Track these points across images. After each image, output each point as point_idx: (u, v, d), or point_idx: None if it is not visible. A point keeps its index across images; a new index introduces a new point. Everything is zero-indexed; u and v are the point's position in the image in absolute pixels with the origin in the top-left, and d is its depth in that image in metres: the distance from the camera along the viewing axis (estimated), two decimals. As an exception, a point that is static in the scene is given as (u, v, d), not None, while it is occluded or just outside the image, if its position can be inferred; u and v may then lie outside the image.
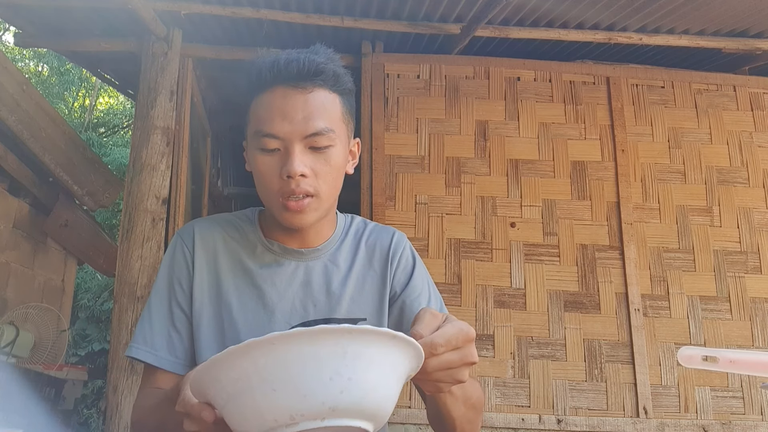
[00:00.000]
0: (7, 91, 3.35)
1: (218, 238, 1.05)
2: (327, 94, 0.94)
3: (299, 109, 0.91)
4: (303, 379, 0.58)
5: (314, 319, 1.00)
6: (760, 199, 3.22)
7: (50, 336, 3.83)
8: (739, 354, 0.94)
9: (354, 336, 0.59)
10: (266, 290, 1.02)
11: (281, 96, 0.91)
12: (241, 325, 1.00)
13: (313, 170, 0.92)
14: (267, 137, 0.91)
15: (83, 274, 7.48)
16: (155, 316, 1.03)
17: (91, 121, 10.38)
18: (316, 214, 0.96)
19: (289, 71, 0.91)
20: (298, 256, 1.04)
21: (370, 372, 0.60)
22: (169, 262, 1.05)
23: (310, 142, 0.92)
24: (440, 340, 0.68)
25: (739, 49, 3.23)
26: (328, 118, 0.93)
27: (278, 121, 0.91)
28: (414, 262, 1.10)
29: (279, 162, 0.92)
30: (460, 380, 0.72)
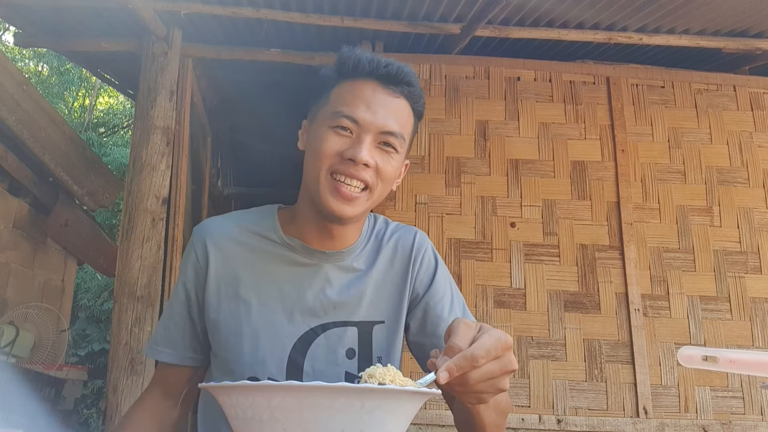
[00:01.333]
0: (7, 90, 3.35)
1: (235, 236, 1.04)
2: (407, 108, 0.98)
3: (383, 106, 0.94)
4: (314, 426, 0.57)
5: (331, 322, 1.00)
6: (760, 199, 3.22)
7: (50, 336, 3.83)
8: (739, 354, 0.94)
9: (375, 393, 0.58)
10: (286, 290, 1.01)
11: (371, 89, 0.94)
12: (259, 325, 0.99)
13: (376, 165, 0.93)
14: (346, 118, 0.92)
15: (83, 274, 7.48)
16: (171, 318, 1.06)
17: (91, 120, 10.37)
18: (361, 210, 0.95)
19: (387, 71, 0.95)
20: (320, 257, 1.02)
21: (385, 424, 0.60)
22: (183, 266, 1.07)
23: (382, 138, 0.94)
24: (480, 352, 0.67)
25: (739, 49, 3.23)
26: (403, 127, 0.96)
27: (362, 109, 0.93)
28: (436, 263, 1.09)
29: (346, 144, 0.93)
30: (502, 389, 0.71)
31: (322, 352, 0.99)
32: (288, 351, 0.98)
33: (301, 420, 0.57)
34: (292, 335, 0.99)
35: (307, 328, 1.00)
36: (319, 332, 1.00)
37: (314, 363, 0.99)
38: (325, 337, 1.00)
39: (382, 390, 0.58)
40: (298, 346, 0.99)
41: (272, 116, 4.44)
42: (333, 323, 1.01)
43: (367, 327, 1.02)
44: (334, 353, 1.00)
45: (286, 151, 5.03)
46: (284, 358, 0.98)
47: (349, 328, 1.01)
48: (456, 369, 0.67)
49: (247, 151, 5.29)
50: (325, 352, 0.99)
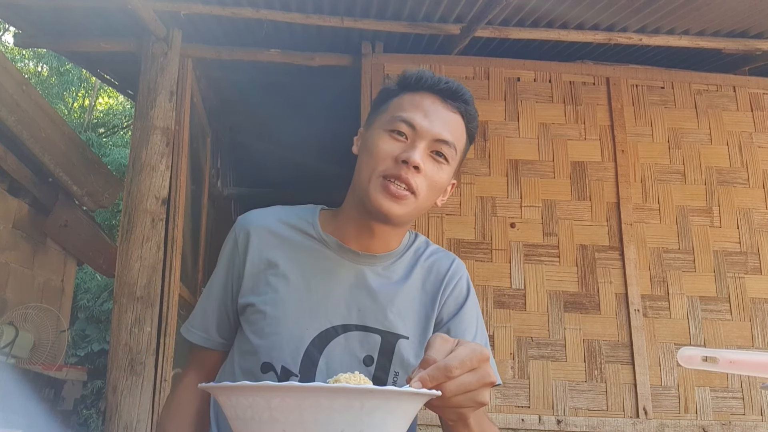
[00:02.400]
0: (7, 91, 3.35)
1: (274, 227, 1.07)
2: (462, 125, 1.01)
3: (439, 117, 0.98)
4: (314, 427, 0.57)
5: (355, 324, 1.01)
6: (760, 200, 3.22)
7: (50, 336, 3.83)
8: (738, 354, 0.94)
9: (375, 394, 0.58)
10: (314, 284, 1.02)
11: (430, 101, 0.99)
12: (282, 312, 1.01)
13: (425, 171, 0.95)
14: (403, 122, 0.96)
15: (83, 274, 7.48)
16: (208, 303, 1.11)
17: (91, 121, 10.37)
18: (405, 212, 0.96)
19: (448, 86, 0.99)
20: (353, 257, 1.04)
21: (384, 424, 0.60)
22: (223, 255, 1.10)
23: (435, 146, 0.96)
24: (454, 362, 0.68)
25: (739, 49, 3.23)
26: (457, 141, 0.99)
27: (420, 116, 0.96)
28: (467, 294, 1.10)
29: (400, 148, 0.95)
30: (481, 402, 0.71)
31: (340, 351, 1.00)
32: (306, 344, 0.99)
33: (300, 420, 0.57)
34: (313, 329, 1.00)
35: (329, 325, 1.00)
36: (340, 332, 1.01)
37: (330, 361, 0.99)
38: (345, 338, 1.01)
39: (382, 391, 0.58)
40: (316, 341, 1.00)
41: (272, 116, 4.44)
42: (355, 326, 1.01)
43: (391, 338, 1.02)
44: (351, 356, 1.00)
45: (287, 151, 5.03)
46: (301, 349, 0.99)
47: (372, 335, 1.01)
48: (429, 379, 0.67)
49: (246, 151, 5.29)
50: (343, 352, 1.00)
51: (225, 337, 1.10)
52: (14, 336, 3.55)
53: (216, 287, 1.10)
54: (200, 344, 1.10)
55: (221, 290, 1.09)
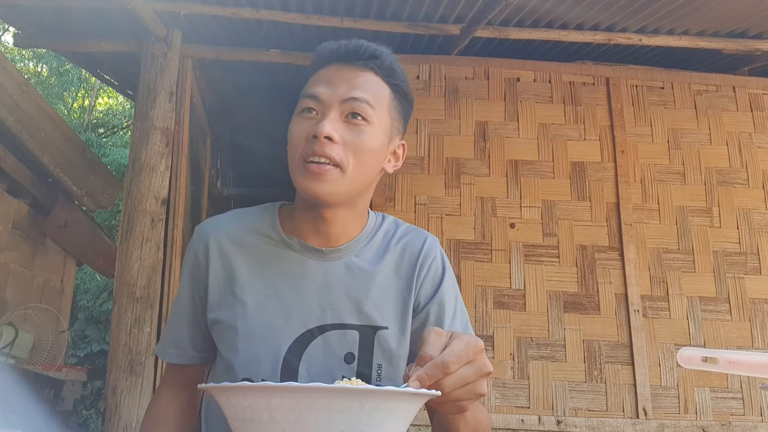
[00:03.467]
0: (7, 91, 3.35)
1: (234, 235, 1.02)
2: (377, 79, 0.94)
3: (345, 80, 0.92)
4: (313, 427, 0.57)
5: (330, 324, 0.97)
6: (760, 200, 3.22)
7: (49, 337, 3.83)
8: (738, 355, 0.94)
9: (374, 394, 0.58)
10: (284, 290, 0.98)
11: (333, 69, 0.94)
12: (255, 325, 0.97)
13: (343, 139, 0.90)
14: (306, 98, 0.92)
15: (82, 274, 7.48)
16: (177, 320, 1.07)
17: (91, 121, 10.37)
18: (336, 187, 0.90)
19: (348, 49, 0.94)
20: (318, 255, 0.99)
21: (384, 424, 0.59)
22: (185, 268, 1.06)
23: (345, 108, 0.91)
24: (451, 358, 0.67)
25: (739, 50, 3.23)
26: (372, 96, 0.92)
27: (322, 86, 0.92)
28: (443, 273, 1.04)
29: (311, 125, 0.91)
30: (479, 393, 0.71)
31: (319, 354, 0.96)
32: (283, 352, 0.96)
33: (300, 421, 0.57)
34: (288, 336, 0.96)
35: (304, 329, 0.97)
36: (317, 334, 0.97)
37: (310, 366, 0.96)
38: (323, 339, 0.97)
39: (382, 391, 0.58)
40: (293, 347, 0.96)
41: (272, 117, 4.44)
42: (332, 325, 0.97)
43: (369, 332, 0.98)
44: (331, 356, 0.97)
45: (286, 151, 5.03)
46: (279, 359, 0.96)
47: (350, 332, 0.98)
48: (427, 377, 0.67)
49: (246, 151, 5.29)
50: (322, 354, 0.96)
51: (200, 349, 1.07)
52: (14, 336, 3.55)
53: (183, 304, 1.05)
54: (175, 362, 1.07)
55: (189, 306, 1.05)
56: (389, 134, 0.97)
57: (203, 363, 1.08)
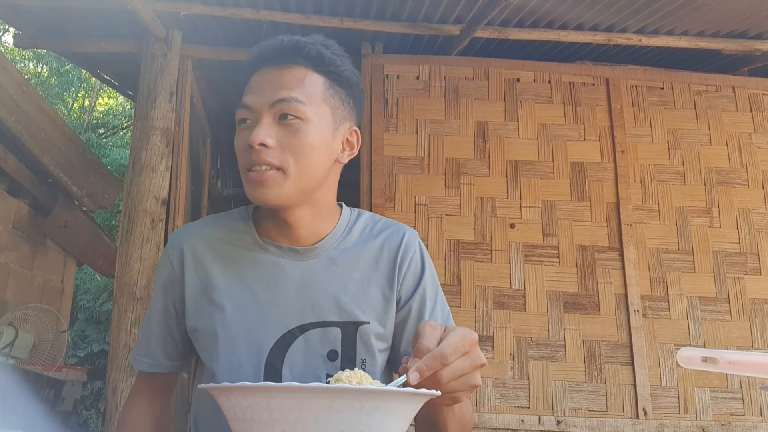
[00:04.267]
0: (7, 91, 3.35)
1: (208, 242, 1.02)
2: (305, 72, 0.93)
3: (269, 83, 0.92)
4: (313, 427, 0.57)
5: (311, 323, 0.97)
6: (760, 200, 3.22)
7: (49, 337, 3.83)
8: (738, 355, 0.94)
9: (374, 394, 0.58)
10: (261, 294, 0.97)
11: (262, 74, 0.93)
12: (235, 331, 0.96)
13: (278, 142, 0.89)
14: (240, 109, 0.93)
15: (82, 275, 7.48)
16: (150, 329, 1.06)
17: (91, 121, 10.37)
18: (280, 191, 0.90)
19: (269, 50, 0.93)
20: (294, 256, 0.99)
21: (384, 424, 0.59)
22: (159, 277, 1.05)
23: (277, 110, 0.90)
24: (449, 350, 0.69)
25: (739, 50, 3.24)
26: (302, 92, 0.91)
27: (251, 95, 0.92)
28: (423, 266, 1.04)
29: (247, 135, 0.91)
30: (474, 385, 0.73)
31: (301, 355, 0.96)
32: (265, 355, 0.95)
33: (300, 421, 0.57)
34: (269, 338, 0.96)
35: (284, 330, 0.96)
36: (297, 334, 0.96)
37: (293, 367, 0.95)
38: (304, 338, 0.96)
39: (382, 391, 0.58)
40: (275, 350, 0.96)
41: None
42: (312, 324, 0.97)
43: (351, 328, 0.98)
44: (314, 355, 0.96)
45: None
46: (261, 362, 0.95)
47: (331, 329, 0.97)
48: (426, 368, 0.68)
49: (246, 152, 5.28)
50: (305, 354, 0.96)
51: (173, 359, 1.06)
52: (14, 336, 3.55)
53: (156, 314, 1.05)
54: (149, 371, 1.06)
55: (162, 317, 1.04)
56: (332, 125, 0.95)
57: (176, 371, 1.09)
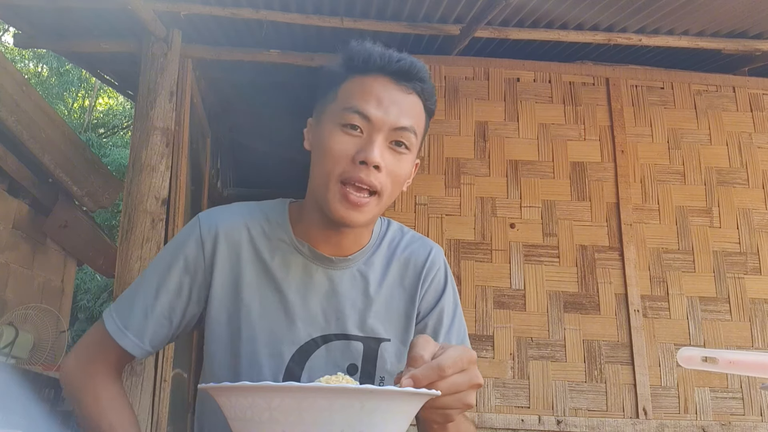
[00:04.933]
0: (7, 91, 3.35)
1: (244, 234, 0.98)
2: (420, 104, 0.93)
3: (395, 103, 0.89)
4: (314, 427, 0.57)
5: (335, 334, 0.96)
6: (760, 200, 3.22)
7: (50, 337, 3.83)
8: (738, 355, 0.94)
9: (374, 394, 0.58)
10: (290, 297, 0.96)
11: (382, 85, 0.89)
12: (258, 330, 0.95)
13: (387, 167, 0.88)
14: (357, 114, 0.87)
15: (83, 274, 7.48)
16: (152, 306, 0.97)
17: (91, 121, 10.38)
18: (370, 215, 0.90)
19: (400, 66, 0.90)
20: (327, 264, 0.97)
21: (384, 424, 0.59)
22: (180, 252, 0.98)
23: (394, 135, 0.89)
24: (447, 362, 0.67)
25: (739, 50, 3.23)
26: (416, 123, 0.91)
27: (373, 105, 0.88)
28: (445, 285, 1.04)
29: (356, 145, 0.87)
30: (468, 404, 0.70)
31: (322, 364, 0.96)
32: (286, 361, 0.95)
33: (300, 421, 0.57)
34: (292, 344, 0.95)
35: (308, 338, 0.96)
36: (320, 343, 0.96)
37: (312, 374, 0.95)
38: (326, 349, 0.96)
39: (382, 391, 0.58)
40: (296, 356, 0.95)
41: (272, 117, 4.44)
42: (335, 335, 0.97)
43: (373, 344, 0.98)
44: (334, 366, 0.96)
45: (286, 152, 5.03)
46: (282, 367, 0.95)
47: (354, 343, 0.97)
48: (422, 378, 0.66)
49: (246, 152, 5.29)
50: (325, 364, 0.96)
51: (155, 347, 0.99)
52: (14, 336, 3.55)
53: (165, 289, 0.96)
54: (129, 351, 0.96)
55: (172, 294, 0.97)
56: (416, 156, 0.97)
57: (140, 358, 1.00)
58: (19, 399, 3.27)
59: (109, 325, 0.98)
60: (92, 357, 0.99)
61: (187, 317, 0.99)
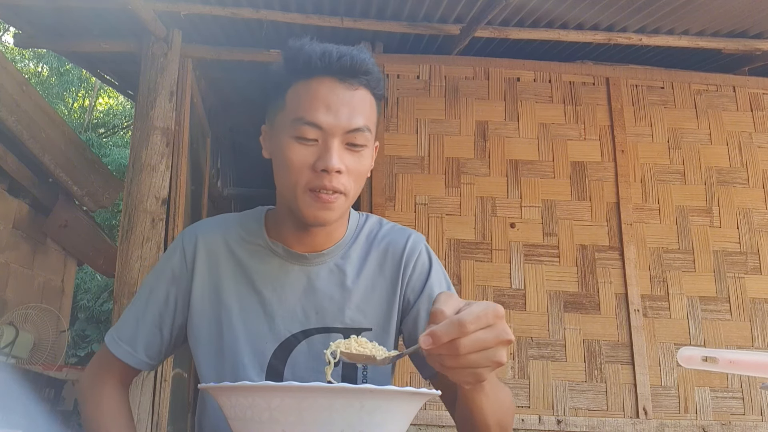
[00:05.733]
0: (7, 91, 3.35)
1: (222, 242, 1.03)
2: (369, 96, 0.92)
3: (345, 104, 0.88)
4: (314, 427, 0.57)
5: (315, 328, 0.98)
6: (760, 200, 3.22)
7: (50, 336, 3.83)
8: (738, 354, 0.94)
9: (374, 393, 0.58)
10: (267, 296, 0.99)
11: (328, 88, 0.88)
12: (239, 331, 0.98)
13: (347, 168, 0.89)
14: (308, 126, 0.87)
15: (83, 274, 7.48)
16: (142, 315, 1.03)
17: (91, 121, 10.38)
18: (340, 213, 0.92)
19: (342, 64, 0.88)
20: (302, 261, 1.00)
21: (385, 424, 0.59)
22: (167, 264, 1.04)
23: (349, 138, 0.89)
24: (469, 318, 0.62)
25: (739, 49, 3.23)
26: (368, 118, 0.91)
27: (323, 112, 0.87)
28: (430, 267, 1.04)
29: (314, 154, 0.88)
30: (498, 362, 0.65)
31: (304, 359, 0.97)
32: (268, 358, 0.97)
33: (300, 421, 0.57)
34: (273, 342, 0.97)
35: (288, 334, 0.97)
36: (301, 338, 0.98)
37: (295, 370, 0.96)
38: (307, 343, 0.97)
39: (382, 390, 0.58)
40: (278, 353, 0.97)
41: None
42: (315, 329, 0.98)
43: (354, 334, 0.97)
44: (316, 360, 0.97)
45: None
46: (264, 365, 0.96)
47: (334, 335, 0.98)
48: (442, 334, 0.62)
49: (246, 151, 5.29)
50: (307, 359, 0.97)
51: (151, 357, 1.04)
52: (14, 336, 3.55)
53: (154, 300, 1.03)
54: (126, 362, 1.03)
55: (161, 304, 1.02)
56: (374, 144, 0.97)
57: (146, 370, 1.07)
58: (19, 399, 3.27)
59: (108, 338, 1.06)
60: (99, 371, 1.07)
61: (176, 328, 1.04)
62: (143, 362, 1.04)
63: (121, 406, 1.05)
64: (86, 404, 1.04)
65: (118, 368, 1.05)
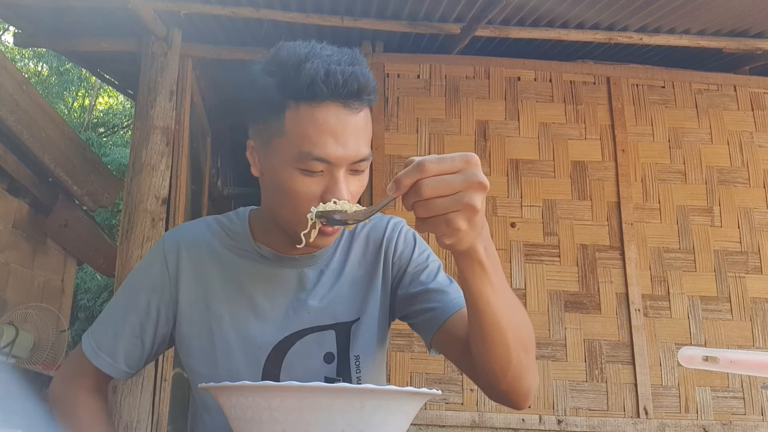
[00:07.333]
0: (7, 91, 3.35)
1: (206, 248, 1.00)
2: (367, 113, 0.88)
3: (351, 133, 0.84)
4: (314, 427, 0.57)
5: (307, 328, 0.98)
6: (761, 199, 3.21)
7: (50, 336, 3.83)
8: (739, 354, 0.94)
9: (375, 393, 0.58)
10: (258, 300, 0.98)
11: (335, 116, 0.83)
12: (232, 338, 0.97)
13: (352, 194, 0.88)
14: (317, 161, 0.83)
15: (83, 274, 7.49)
16: (122, 326, 1.00)
17: (91, 121, 10.38)
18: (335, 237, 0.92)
19: (348, 89, 0.82)
20: (292, 263, 0.98)
21: (385, 424, 0.59)
22: (147, 273, 1.00)
23: (354, 167, 0.86)
24: (431, 158, 0.61)
25: (740, 49, 3.23)
26: (369, 139, 0.89)
27: (331, 145, 0.82)
28: (414, 242, 1.03)
29: (320, 184, 0.85)
30: (469, 204, 0.62)
31: (298, 360, 0.97)
32: (262, 362, 0.96)
33: (301, 421, 0.57)
34: (266, 346, 0.96)
35: (281, 336, 0.97)
36: (294, 340, 0.97)
37: (290, 372, 0.96)
38: (301, 344, 0.97)
39: (383, 390, 0.58)
40: (272, 356, 0.96)
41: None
42: (308, 329, 0.98)
43: (344, 328, 0.98)
44: (310, 360, 0.97)
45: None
46: (259, 369, 0.96)
47: (326, 332, 0.98)
48: (403, 177, 0.61)
49: (246, 151, 5.28)
50: (302, 359, 0.97)
51: (131, 367, 1.01)
52: (14, 336, 3.55)
53: (134, 314, 0.99)
54: (104, 371, 1.00)
55: (139, 317, 0.99)
56: None
57: (124, 378, 1.04)
58: (19, 399, 3.27)
59: (85, 346, 1.02)
60: (74, 376, 1.04)
61: (159, 337, 1.01)
62: (123, 372, 1.01)
63: (99, 414, 1.02)
64: (60, 411, 1.01)
65: (94, 375, 1.02)
